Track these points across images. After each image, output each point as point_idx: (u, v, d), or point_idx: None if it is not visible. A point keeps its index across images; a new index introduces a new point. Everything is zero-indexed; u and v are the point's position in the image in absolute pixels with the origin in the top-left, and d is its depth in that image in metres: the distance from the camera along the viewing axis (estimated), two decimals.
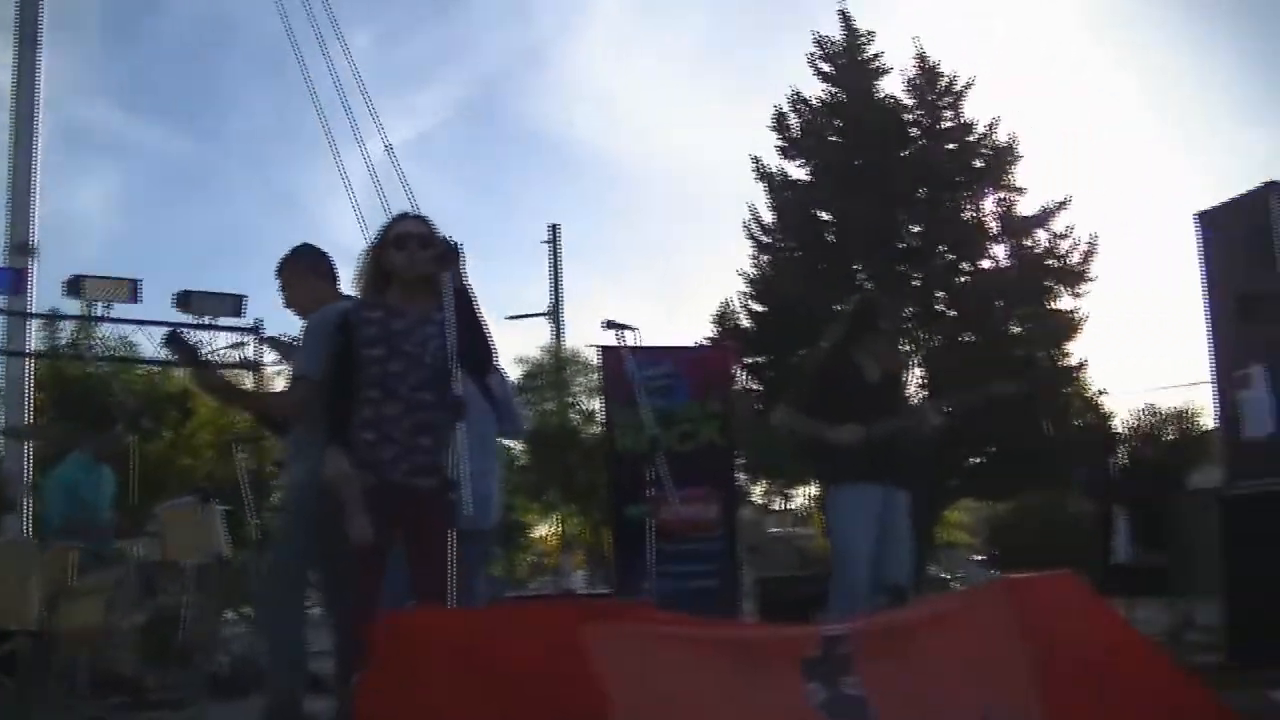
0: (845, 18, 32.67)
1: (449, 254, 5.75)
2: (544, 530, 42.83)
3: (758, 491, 41.44)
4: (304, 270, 6.97)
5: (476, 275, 5.87)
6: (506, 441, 11.95)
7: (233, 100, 76.56)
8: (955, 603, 6.00)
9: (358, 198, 19.98)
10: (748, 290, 32.31)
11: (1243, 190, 8.34)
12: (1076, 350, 31.49)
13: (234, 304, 14.87)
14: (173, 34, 69.48)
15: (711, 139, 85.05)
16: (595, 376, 27.92)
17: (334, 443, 5.60)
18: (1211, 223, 8.53)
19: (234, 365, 15.99)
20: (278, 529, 7.06)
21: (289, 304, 7.05)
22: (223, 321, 15.07)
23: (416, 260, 5.81)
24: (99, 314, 14.78)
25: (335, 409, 5.71)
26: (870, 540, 7.27)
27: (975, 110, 32.10)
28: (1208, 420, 39.50)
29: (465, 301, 5.74)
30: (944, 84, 31.98)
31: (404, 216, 6.11)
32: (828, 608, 7.34)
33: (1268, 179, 8.11)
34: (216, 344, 15.95)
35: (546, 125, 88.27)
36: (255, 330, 15.70)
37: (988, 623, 5.07)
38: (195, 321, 14.47)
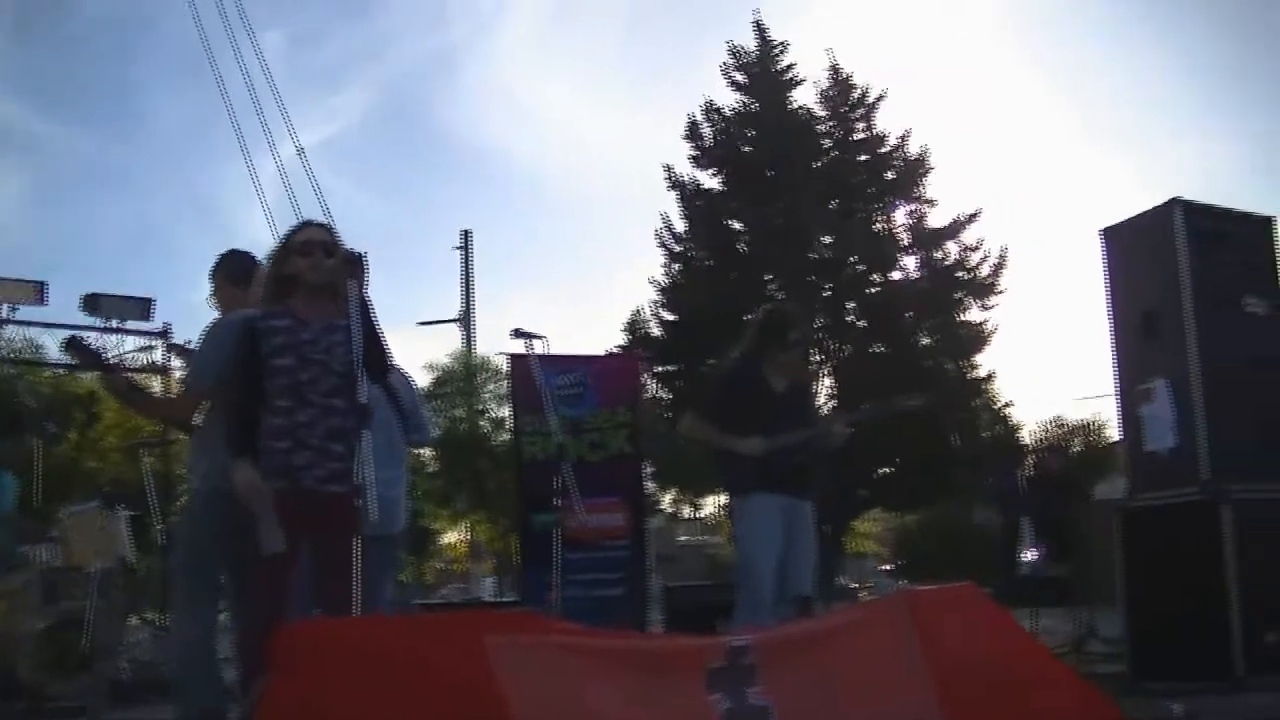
0: (760, 28, 32.87)
1: (353, 262, 5.73)
2: (453, 537, 42.73)
3: (667, 500, 41.58)
4: (222, 278, 6.90)
5: (388, 281, 5.92)
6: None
7: (146, 100, 76.08)
8: (858, 614, 6.04)
9: (270, 199, 19.84)
10: (658, 299, 32.38)
11: (1148, 206, 8.46)
12: (985, 362, 31.84)
13: (142, 307, 14.66)
14: (85, 33, 68.87)
15: (625, 147, 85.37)
16: (505, 384, 27.89)
17: (242, 454, 5.54)
18: (1116, 239, 8.61)
19: (142, 370, 15.81)
20: (180, 534, 6.97)
21: (218, 308, 7.01)
22: (131, 325, 14.86)
23: (320, 268, 5.79)
24: (4, 316, 14.56)
25: (242, 417, 5.66)
26: (775, 551, 7.25)
27: (887, 122, 32.44)
28: (1113, 433, 40.07)
29: (365, 309, 5.73)
30: (857, 95, 32.25)
31: (307, 224, 6.06)
32: (733, 618, 7.33)
33: (1173, 195, 8.22)
34: (125, 347, 15.75)
35: (460, 130, 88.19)
36: (163, 334, 15.55)
37: (890, 633, 5.11)
38: (103, 325, 14.26)
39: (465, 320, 37.17)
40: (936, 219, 31.89)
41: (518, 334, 8.27)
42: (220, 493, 5.77)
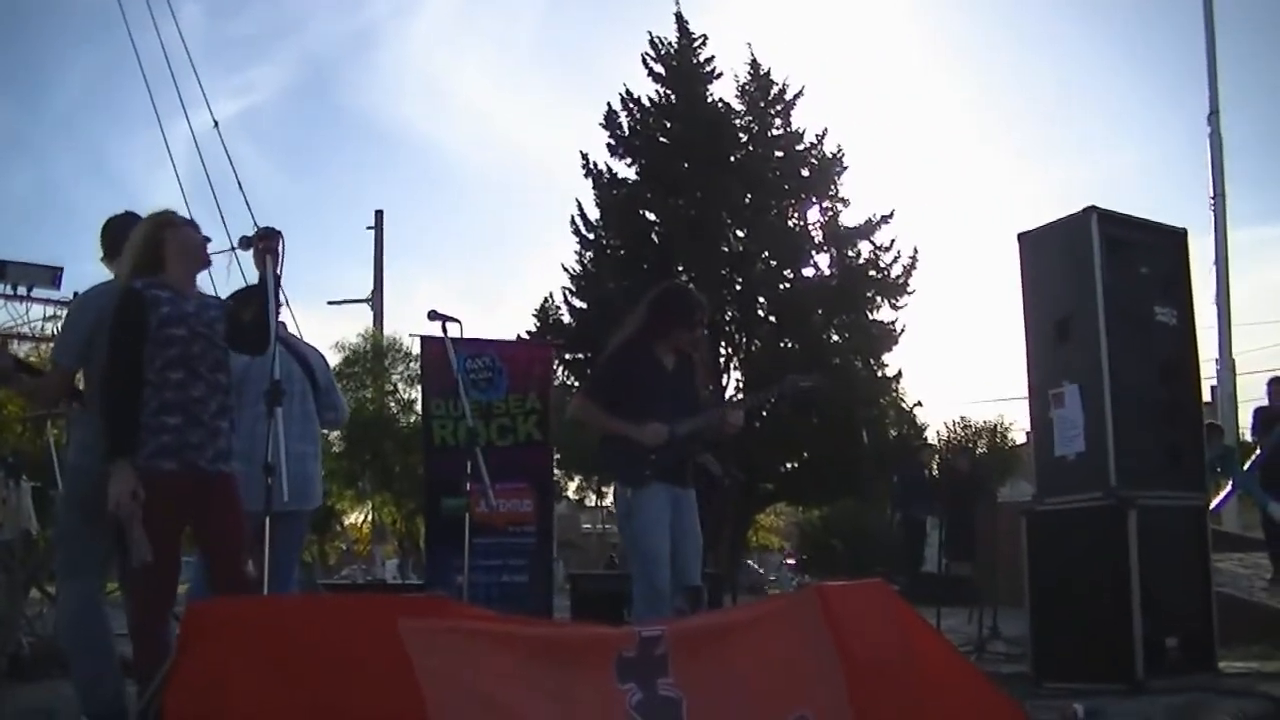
0: (680, 20, 32.89)
1: (268, 237, 5.70)
2: (357, 518, 42.48)
3: (572, 487, 41.51)
4: (107, 244, 6.73)
5: (299, 258, 5.80)
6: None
7: (56, 67, 74.94)
8: (768, 608, 6.02)
9: (181, 171, 19.57)
10: (570, 286, 32.34)
11: (1065, 213, 8.51)
12: (894, 361, 32.08)
13: (50, 275, 14.39)
14: None
15: (543, 132, 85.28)
16: (414, 365, 27.73)
17: (121, 453, 5.36)
18: (1033, 244, 8.65)
19: (51, 339, 15.55)
20: (60, 505, 6.84)
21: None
22: (38, 293, 14.64)
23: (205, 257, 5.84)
24: None
25: (120, 395, 5.49)
26: (667, 541, 7.17)
27: (805, 119, 32.58)
28: (1018, 435, 40.45)
29: (276, 285, 5.69)
30: (775, 91, 32.35)
31: (172, 215, 5.95)
32: (634, 611, 7.25)
33: (1089, 204, 8.26)
34: (31, 315, 15.52)
35: (376, 110, 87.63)
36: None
37: (800, 628, 5.10)
38: (9, 292, 14.03)
39: (375, 300, 36.85)
40: (850, 218, 32.16)
41: (434, 316, 8.16)
42: (88, 470, 5.69)
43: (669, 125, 32.37)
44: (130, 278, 5.65)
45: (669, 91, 32.62)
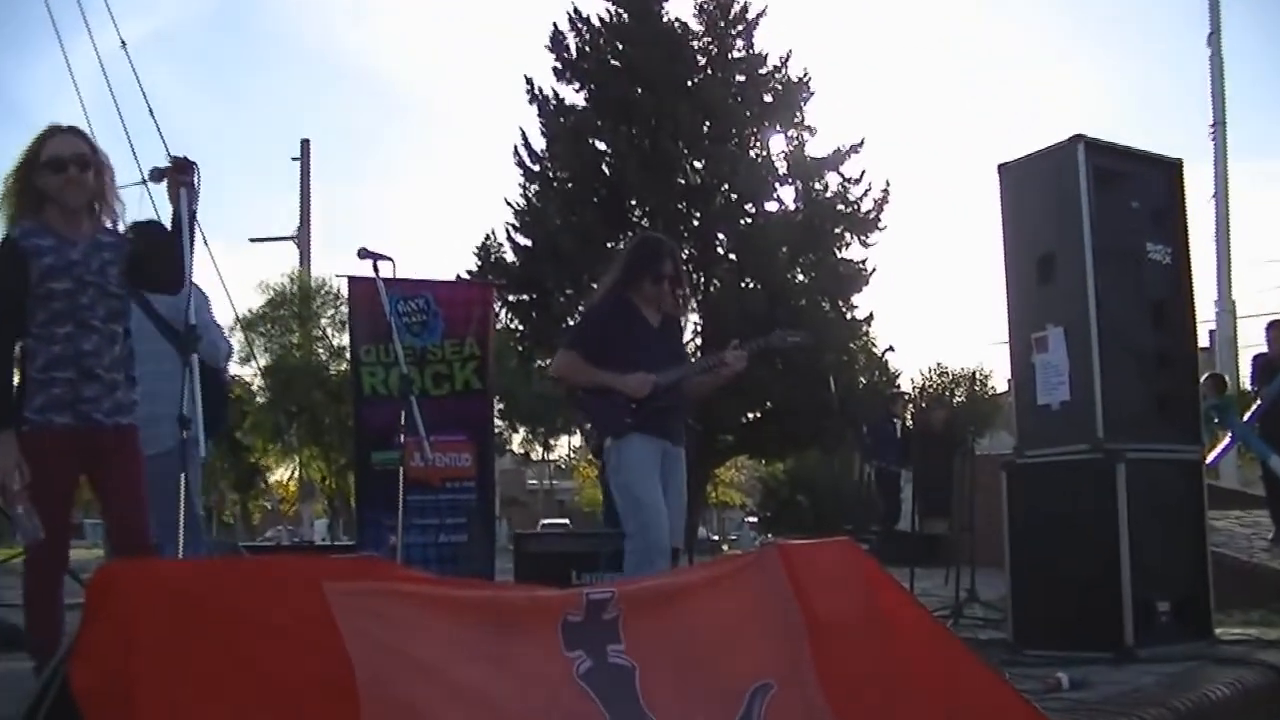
0: None
1: (183, 169, 5.62)
2: (282, 474, 42.42)
3: (516, 440, 41.57)
4: None
5: (218, 192, 5.70)
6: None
7: None
8: (726, 567, 6.00)
9: (87, 97, 19.34)
10: (513, 222, 32.20)
11: (1048, 143, 8.47)
12: (864, 303, 32.11)
13: None
14: None
15: (483, 55, 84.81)
16: (344, 308, 27.64)
17: (4, 424, 5.34)
18: (1014, 176, 8.61)
19: None
20: None
21: None
22: None
23: (80, 187, 5.57)
24: None
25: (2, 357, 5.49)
26: (659, 491, 7.22)
27: (767, 41, 32.48)
28: (999, 383, 40.66)
29: (191, 223, 5.62)
30: (736, 10, 32.21)
31: (56, 130, 5.76)
32: (623, 568, 7.26)
33: (1075, 132, 8.24)
34: None
35: (301, 30, 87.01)
36: None
37: (762, 590, 5.09)
38: None
39: (302, 238, 36.66)
40: (816, 148, 32.14)
41: (364, 254, 8.11)
42: None
43: (620, 47, 32.18)
44: (12, 224, 5.58)
45: (620, 10, 32.43)
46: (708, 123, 31.13)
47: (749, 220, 31.61)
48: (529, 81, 32.29)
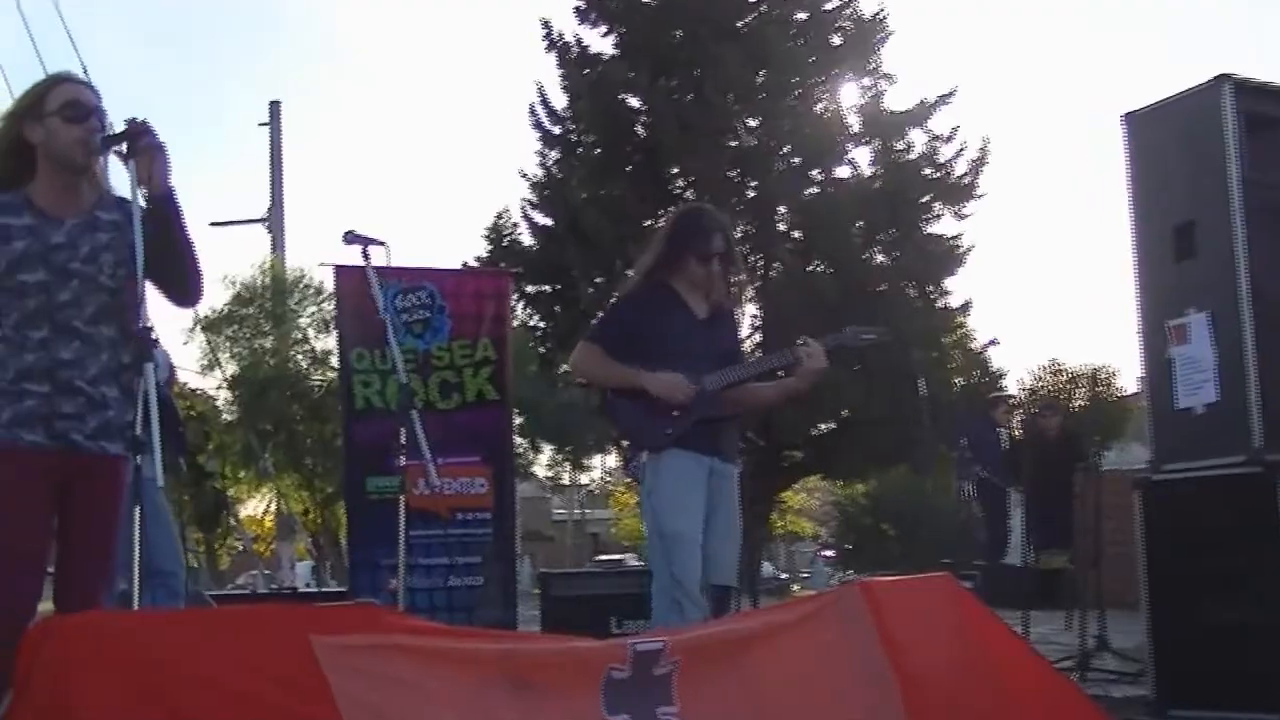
0: None
1: (140, 134, 5.49)
2: (256, 507, 42.60)
3: (541, 462, 41.73)
4: None
5: (174, 164, 5.54)
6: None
7: None
8: (800, 611, 5.97)
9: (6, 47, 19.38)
10: (531, 197, 32.20)
11: (1185, 86, 8.40)
12: (959, 288, 31.97)
13: None
14: None
15: None
16: (328, 305, 27.67)
17: None
18: (1144, 128, 8.53)
19: None
20: None
21: None
22: None
23: (93, 144, 5.52)
24: None
25: None
26: (698, 522, 7.11)
27: None
28: (1127, 383, 40.54)
29: (171, 208, 5.51)
30: None
31: (67, 77, 5.71)
32: (651, 615, 7.20)
33: (1219, 72, 8.15)
34: None
35: None
36: None
37: (842, 638, 5.10)
38: None
39: (274, 220, 36.68)
40: (897, 100, 31.98)
41: (351, 238, 8.12)
42: None
43: None
44: None
45: None
46: (762, 73, 31.03)
47: (815, 190, 31.52)
48: (546, 25, 32.14)
